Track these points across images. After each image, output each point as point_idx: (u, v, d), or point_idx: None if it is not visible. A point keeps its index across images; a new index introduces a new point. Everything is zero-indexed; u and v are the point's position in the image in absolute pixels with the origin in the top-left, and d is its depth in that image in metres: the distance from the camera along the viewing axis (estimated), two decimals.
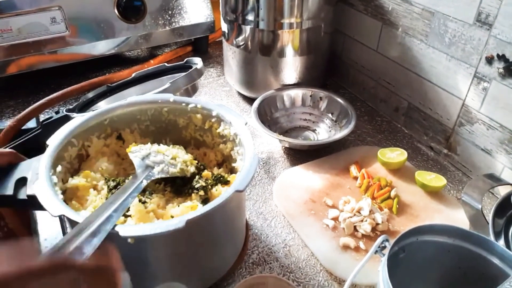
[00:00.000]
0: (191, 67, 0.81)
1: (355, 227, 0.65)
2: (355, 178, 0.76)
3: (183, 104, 0.63)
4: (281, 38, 0.89)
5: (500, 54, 0.66)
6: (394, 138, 0.90)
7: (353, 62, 1.03)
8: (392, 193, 0.71)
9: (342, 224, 0.65)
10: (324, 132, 0.90)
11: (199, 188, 0.56)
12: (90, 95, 0.86)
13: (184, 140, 0.67)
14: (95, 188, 0.55)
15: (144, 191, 0.55)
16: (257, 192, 0.75)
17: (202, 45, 1.25)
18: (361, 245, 0.63)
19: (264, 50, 0.91)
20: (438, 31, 0.76)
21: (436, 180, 0.73)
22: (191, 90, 0.80)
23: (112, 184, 0.55)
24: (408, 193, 0.73)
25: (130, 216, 0.50)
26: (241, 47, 0.93)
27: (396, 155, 0.78)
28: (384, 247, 0.47)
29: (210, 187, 0.56)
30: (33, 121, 0.82)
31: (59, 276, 0.30)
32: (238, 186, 0.48)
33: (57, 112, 0.79)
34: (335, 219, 0.67)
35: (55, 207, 0.44)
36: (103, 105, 0.83)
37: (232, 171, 0.62)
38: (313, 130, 0.91)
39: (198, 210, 0.45)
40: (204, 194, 0.56)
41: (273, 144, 0.87)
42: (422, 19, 0.79)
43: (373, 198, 0.71)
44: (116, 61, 1.17)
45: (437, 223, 0.48)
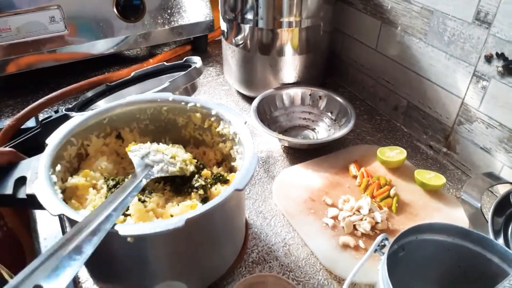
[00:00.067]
0: (190, 66, 0.81)
1: (355, 226, 0.65)
2: (355, 177, 0.76)
3: (183, 103, 0.63)
4: (280, 37, 0.89)
5: (499, 53, 0.66)
6: (394, 137, 0.90)
7: (352, 61, 1.03)
8: (392, 192, 0.71)
9: (342, 223, 0.65)
10: (324, 131, 0.90)
11: (199, 187, 0.56)
12: (89, 94, 0.86)
13: (184, 139, 0.67)
14: (95, 187, 0.55)
15: (144, 190, 0.55)
16: (257, 191, 0.75)
17: (201, 44, 1.25)
18: (361, 244, 0.63)
19: (263, 49, 0.91)
20: (437, 30, 0.76)
21: (436, 179, 0.73)
22: (191, 89, 0.80)
23: (112, 183, 0.55)
24: (408, 192, 0.73)
25: (130, 215, 0.50)
26: (240, 46, 0.93)
27: (396, 154, 0.78)
28: (384, 246, 0.48)
29: (210, 186, 0.56)
30: (32, 120, 0.82)
31: None
32: (238, 185, 0.47)
33: (57, 111, 0.78)
34: (335, 218, 0.67)
35: (55, 206, 0.44)
36: (102, 104, 0.82)
37: (232, 170, 0.62)
38: (313, 129, 0.91)
39: (198, 209, 0.45)
40: (204, 193, 0.55)
41: (273, 143, 0.87)
42: (421, 18, 0.79)
43: (373, 197, 0.71)
44: (115, 60, 1.17)
45: (437, 222, 0.48)
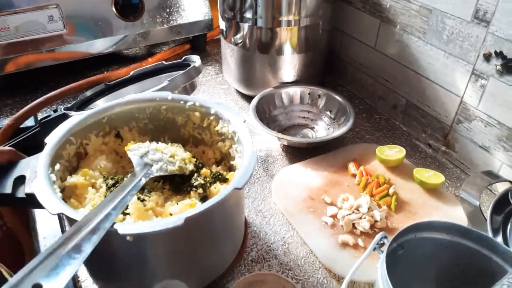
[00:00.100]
0: (189, 65, 0.81)
1: (354, 225, 0.65)
2: (354, 176, 0.76)
3: (182, 102, 0.63)
4: (279, 36, 0.89)
5: (498, 51, 0.66)
6: (393, 136, 0.90)
7: (351, 60, 1.03)
8: (391, 190, 0.71)
9: (341, 222, 0.66)
10: (323, 130, 0.90)
11: (198, 186, 0.56)
12: (88, 94, 0.86)
13: (183, 138, 0.67)
14: (94, 186, 0.55)
15: (143, 189, 0.55)
16: (256, 190, 0.75)
17: (200, 43, 1.25)
18: (360, 242, 0.63)
19: (262, 48, 0.91)
20: (436, 28, 0.76)
21: (434, 177, 0.73)
22: (189, 88, 0.80)
23: (111, 182, 0.55)
24: (407, 190, 0.73)
25: (129, 214, 0.50)
26: (239, 45, 0.93)
27: (395, 153, 0.78)
28: (383, 244, 0.48)
29: (209, 185, 0.56)
30: (31, 120, 0.82)
31: None
32: (237, 184, 0.48)
33: (55, 111, 0.78)
34: (334, 217, 0.67)
35: (54, 205, 0.44)
36: (101, 104, 0.82)
37: (231, 169, 0.62)
38: (312, 128, 0.91)
39: (197, 208, 0.45)
40: (203, 192, 0.55)
41: (272, 142, 0.87)
42: (420, 16, 0.79)
43: (372, 196, 0.71)
44: (114, 60, 1.17)
45: (436, 220, 0.48)
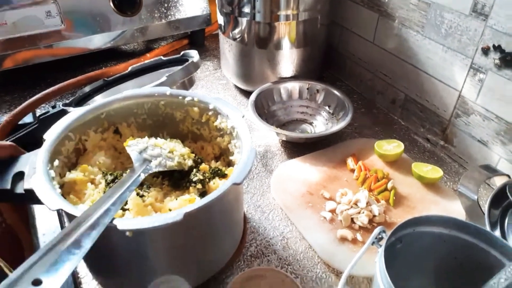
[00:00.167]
0: (188, 60, 0.81)
1: (352, 219, 0.66)
2: (352, 171, 0.76)
3: (180, 98, 0.63)
4: (278, 30, 0.88)
5: (496, 45, 0.66)
6: (391, 130, 0.90)
7: (350, 54, 1.03)
8: (389, 185, 0.72)
9: (340, 216, 0.66)
10: (321, 125, 0.90)
11: (197, 182, 0.56)
12: (87, 89, 0.86)
13: (181, 134, 0.67)
14: (93, 182, 0.55)
15: (142, 185, 0.55)
16: (255, 185, 0.75)
17: (199, 38, 1.25)
18: (358, 237, 0.63)
19: (261, 43, 0.91)
20: (435, 22, 0.76)
21: (433, 172, 0.73)
22: (188, 84, 0.80)
23: (110, 178, 0.55)
24: (405, 185, 0.73)
25: (128, 210, 0.50)
26: (238, 40, 0.93)
27: (393, 147, 0.78)
28: (381, 238, 0.48)
29: (208, 181, 0.56)
30: (30, 116, 0.82)
31: None
32: (236, 179, 0.48)
33: (54, 107, 0.78)
34: (333, 212, 0.67)
35: (53, 201, 0.44)
36: (100, 99, 0.82)
37: (230, 164, 0.62)
38: (310, 123, 0.91)
39: (196, 203, 0.45)
40: (202, 188, 0.56)
41: (270, 137, 0.87)
42: (419, 10, 0.78)
43: (370, 190, 0.71)
44: (112, 55, 1.17)
45: (434, 214, 0.48)
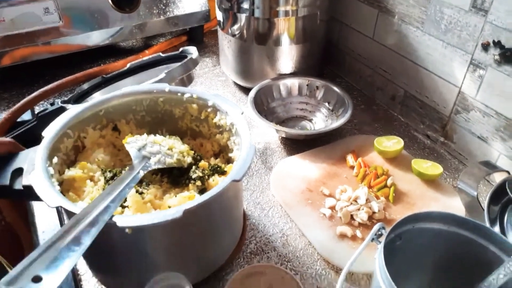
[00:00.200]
0: (186, 57, 0.80)
1: (352, 216, 0.66)
2: (352, 167, 0.76)
3: (179, 94, 0.63)
4: (277, 26, 0.88)
5: (496, 41, 0.66)
6: (391, 127, 0.90)
7: (350, 50, 1.03)
8: (389, 182, 0.72)
9: (339, 213, 0.66)
10: (321, 122, 0.90)
11: (196, 179, 0.56)
12: (85, 87, 0.86)
13: (181, 131, 0.67)
14: (92, 180, 0.55)
15: (141, 182, 0.55)
16: (254, 182, 0.75)
17: (197, 35, 1.24)
18: (358, 234, 0.63)
19: (260, 39, 0.90)
20: (434, 18, 0.76)
21: (433, 168, 0.73)
22: (187, 80, 0.79)
23: (109, 175, 0.55)
24: (405, 182, 0.73)
25: (128, 207, 0.50)
26: (237, 36, 0.93)
27: (393, 144, 0.78)
28: (381, 235, 0.48)
29: (207, 178, 0.56)
30: (28, 113, 0.81)
31: None
32: (235, 176, 0.48)
33: (52, 104, 0.78)
34: (332, 208, 0.67)
35: (52, 199, 0.44)
36: (98, 96, 0.82)
37: (229, 161, 0.62)
38: (310, 120, 0.91)
39: (196, 200, 0.45)
40: (201, 185, 0.55)
41: (270, 134, 0.87)
42: (418, 6, 0.78)
43: (370, 187, 0.71)
44: (111, 52, 1.16)
45: (433, 211, 0.48)
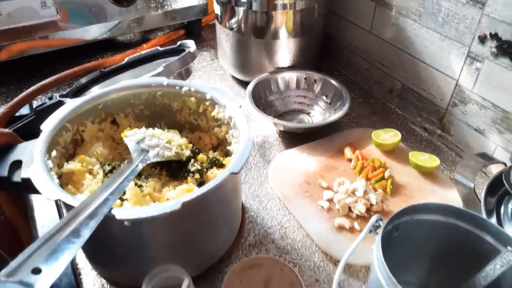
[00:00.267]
0: (184, 51, 0.80)
1: (350, 208, 0.66)
2: (350, 160, 0.77)
3: (177, 88, 0.63)
4: (275, 20, 0.88)
5: (493, 33, 0.66)
6: (388, 120, 0.91)
7: (347, 44, 1.03)
8: (386, 174, 0.72)
9: (337, 205, 0.66)
10: (319, 115, 0.90)
11: (195, 172, 0.56)
12: (83, 81, 0.86)
13: (179, 124, 0.67)
14: (91, 173, 0.55)
15: (140, 175, 0.55)
16: (253, 176, 0.75)
17: (195, 28, 1.24)
18: (356, 226, 0.63)
19: (258, 32, 0.90)
20: (432, 11, 0.76)
21: (430, 161, 0.73)
22: (185, 74, 0.79)
23: (108, 169, 0.55)
24: (402, 174, 0.74)
25: (127, 200, 0.50)
26: (235, 30, 0.92)
27: (390, 136, 0.78)
28: (378, 227, 0.48)
29: (206, 170, 0.57)
30: (26, 108, 0.81)
31: None
32: (233, 169, 0.48)
33: (51, 98, 0.78)
34: (330, 201, 0.68)
35: (51, 192, 0.44)
36: (97, 90, 0.82)
37: (227, 154, 0.62)
38: (308, 113, 0.91)
39: (194, 193, 0.45)
40: (200, 177, 0.56)
41: (268, 128, 0.87)
42: None
43: (367, 179, 0.72)
44: (109, 46, 1.16)
45: (431, 202, 0.49)
